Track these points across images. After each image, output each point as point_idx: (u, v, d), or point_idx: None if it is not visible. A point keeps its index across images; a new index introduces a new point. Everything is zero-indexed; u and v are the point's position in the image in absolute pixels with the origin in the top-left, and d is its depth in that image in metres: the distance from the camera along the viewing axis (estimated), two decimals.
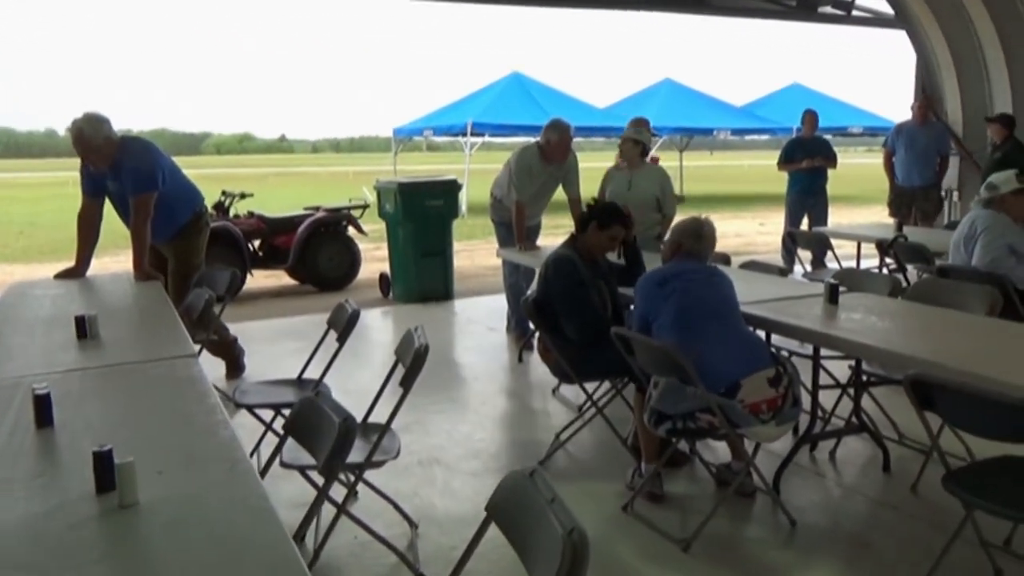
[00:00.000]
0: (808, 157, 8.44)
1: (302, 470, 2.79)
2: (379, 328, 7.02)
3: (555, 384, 4.89)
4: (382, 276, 8.33)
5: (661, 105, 20.37)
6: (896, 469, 3.75)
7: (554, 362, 3.92)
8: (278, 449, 2.75)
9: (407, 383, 2.87)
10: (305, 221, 8.73)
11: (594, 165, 6.55)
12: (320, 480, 2.36)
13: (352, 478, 2.98)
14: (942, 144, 8.50)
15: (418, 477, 3.78)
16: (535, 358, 5.19)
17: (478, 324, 6.97)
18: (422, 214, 7.65)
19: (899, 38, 10.25)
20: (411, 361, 2.90)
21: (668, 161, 26.98)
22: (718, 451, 3.90)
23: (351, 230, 9.01)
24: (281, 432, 2.65)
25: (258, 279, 9.18)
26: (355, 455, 2.80)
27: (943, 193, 8.87)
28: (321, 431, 2.33)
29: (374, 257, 10.41)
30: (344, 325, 3.57)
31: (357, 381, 4.65)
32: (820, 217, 8.57)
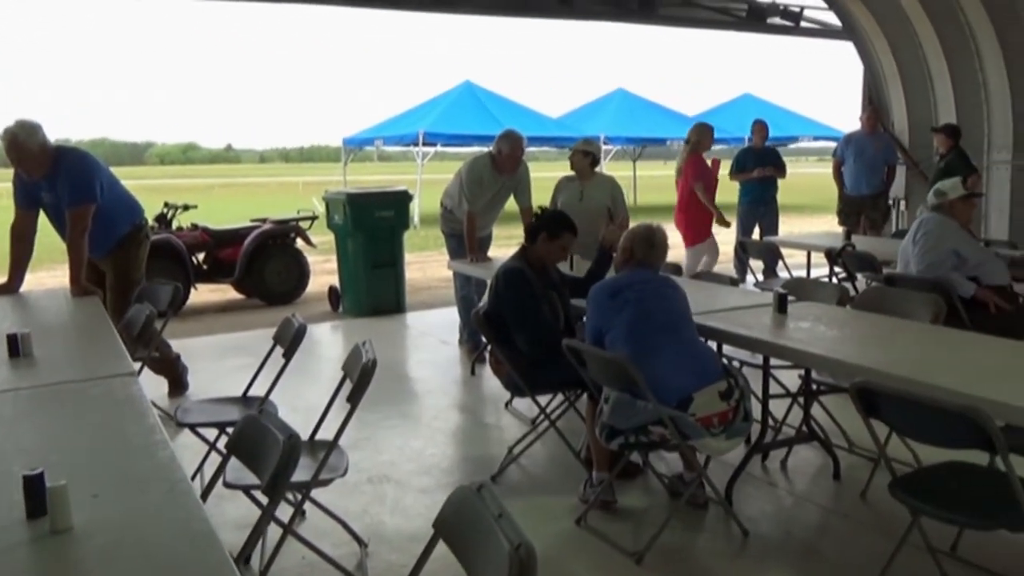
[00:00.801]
0: (759, 167, 8.56)
1: (246, 490, 2.71)
2: (328, 342, 6.91)
3: (508, 397, 4.84)
4: (331, 289, 8.21)
5: (614, 115, 20.59)
6: (846, 477, 3.78)
7: (506, 375, 3.88)
8: (221, 469, 2.67)
9: (354, 399, 2.81)
10: (252, 233, 8.57)
11: (547, 175, 6.56)
12: (265, 500, 2.28)
13: (299, 497, 2.90)
14: (889, 154, 8.68)
15: (368, 495, 3.71)
16: (488, 371, 5.15)
17: (430, 337, 6.90)
18: (372, 225, 7.57)
19: (847, 49, 10.48)
20: (359, 376, 2.84)
21: (622, 171, 27.29)
22: (671, 462, 3.90)
23: (299, 242, 8.87)
24: (225, 451, 2.57)
25: (203, 293, 9.00)
26: (301, 474, 2.75)
27: (891, 202, 9.07)
28: (265, 450, 2.26)
29: (323, 270, 10.27)
30: (291, 340, 3.49)
31: (305, 398, 4.56)
32: (771, 226, 8.69)
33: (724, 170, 8.62)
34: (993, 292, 4.46)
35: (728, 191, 8.92)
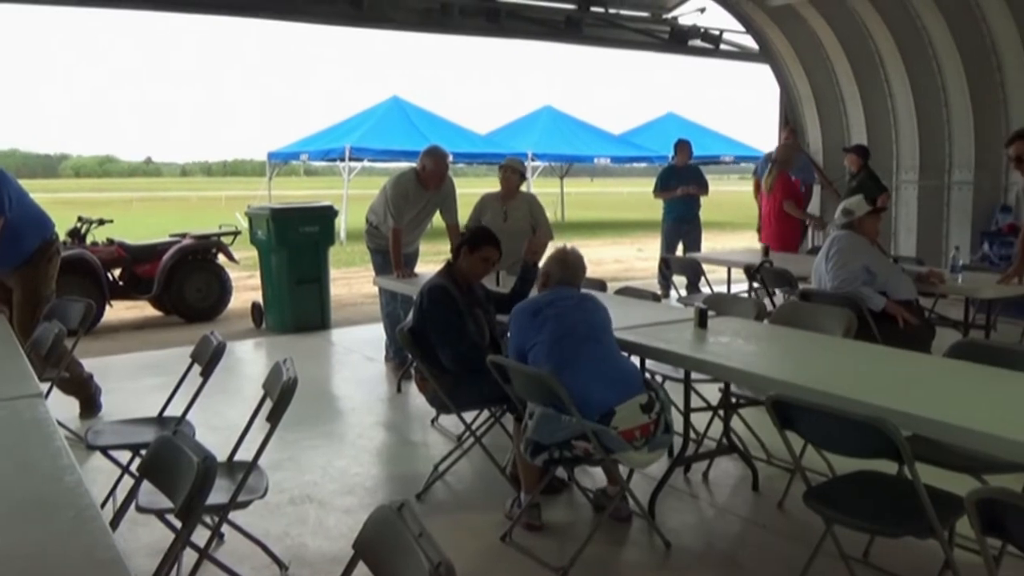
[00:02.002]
0: (682, 185, 8.76)
1: (160, 514, 2.63)
2: (251, 360, 6.76)
3: (434, 414, 4.82)
4: (254, 305, 8.04)
5: (542, 132, 20.79)
6: (765, 487, 3.87)
7: (431, 392, 3.86)
8: (133, 493, 2.58)
9: (274, 418, 2.75)
10: (170, 249, 8.33)
11: (477, 191, 6.57)
12: (179, 524, 2.21)
13: (216, 520, 2.82)
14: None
15: (289, 516, 3.63)
16: (414, 388, 5.10)
17: (356, 354, 6.82)
18: (296, 241, 7.45)
19: (765, 72, 10.82)
20: (279, 395, 2.78)
21: (549, 188, 27.54)
22: (596, 477, 3.93)
23: (221, 258, 8.67)
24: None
25: (119, 310, 8.71)
26: (219, 495, 2.67)
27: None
28: (179, 472, 2.19)
29: (246, 286, 10.06)
30: (209, 358, 3.41)
31: (225, 417, 4.45)
32: (694, 243, 8.88)
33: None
34: (901, 306, 4.65)
35: (655, 208, 9.11)
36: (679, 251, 8.77)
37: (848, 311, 3.99)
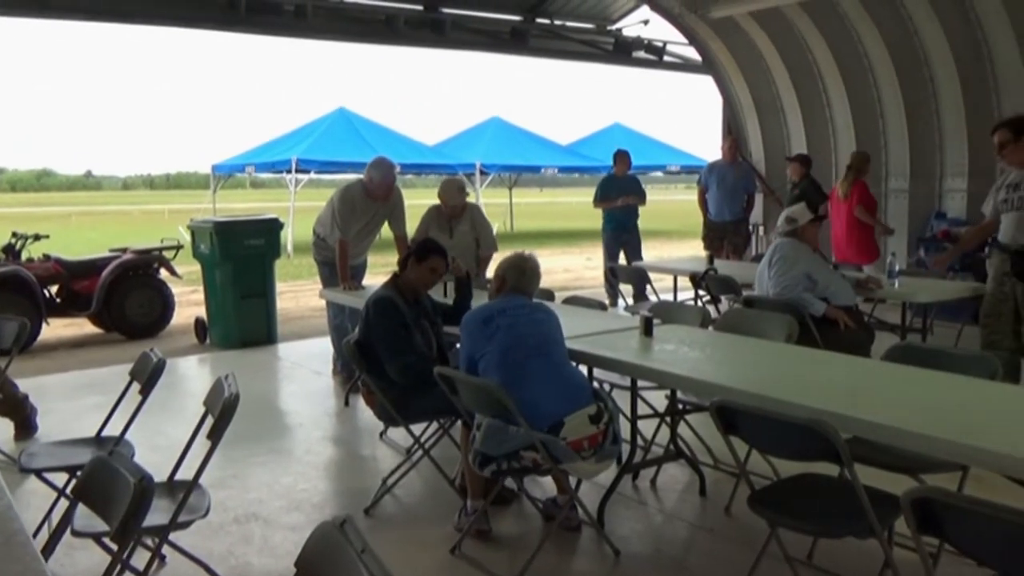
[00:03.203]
0: (623, 195, 8.85)
1: (96, 538, 2.55)
2: (194, 377, 6.63)
3: (383, 428, 4.77)
4: (198, 321, 7.88)
5: (489, 143, 20.82)
6: (712, 492, 3.92)
7: (378, 405, 3.83)
8: (68, 516, 2.50)
9: (216, 435, 2.69)
10: (110, 264, 8.12)
11: (426, 202, 6.52)
12: (116, 547, 2.15)
13: (156, 542, 2.74)
14: (749, 182, 9.14)
15: (234, 535, 3.56)
16: (363, 402, 5.05)
17: (303, 368, 6.73)
18: (241, 255, 7.33)
19: (707, 83, 11.02)
20: (220, 411, 2.73)
21: (497, 198, 27.58)
22: (545, 486, 3.93)
23: (163, 273, 8.48)
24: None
25: (57, 328, 8.47)
26: (158, 516, 2.62)
27: (751, 227, 9.54)
28: (115, 494, 2.14)
29: (190, 301, 9.87)
30: (148, 376, 3.32)
31: (167, 436, 4.35)
32: (635, 252, 8.98)
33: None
34: (841, 311, 4.75)
35: (599, 218, 9.18)
36: (621, 260, 8.85)
37: (790, 317, 4.06)
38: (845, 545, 2.99)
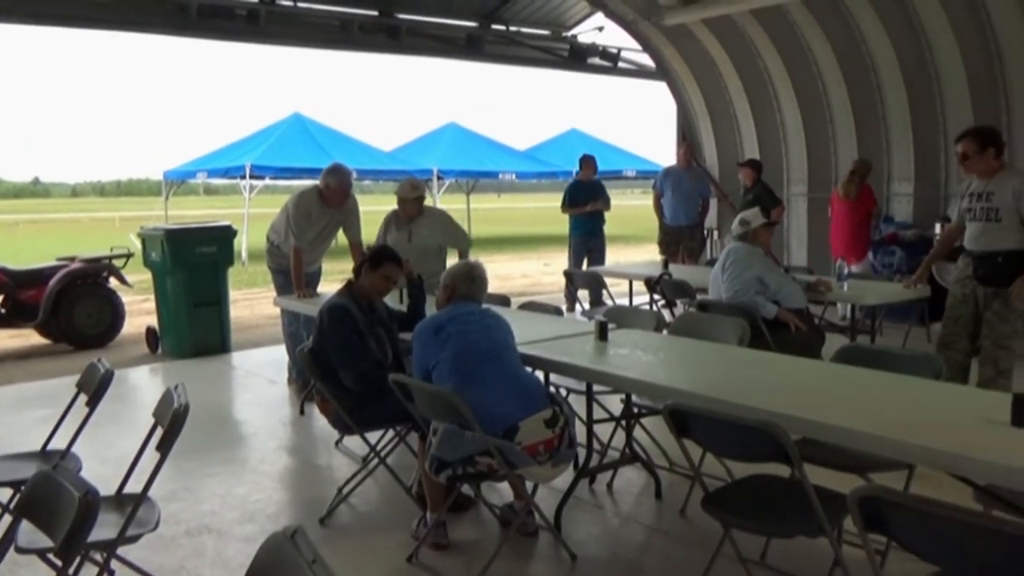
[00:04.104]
0: (591, 200, 8.92)
1: (40, 554, 2.48)
2: (146, 387, 6.51)
3: (339, 436, 4.73)
4: (149, 330, 7.74)
5: (446, 148, 20.76)
6: (667, 495, 3.95)
7: (333, 413, 3.79)
8: (12, 532, 2.44)
9: (165, 446, 2.65)
10: (57, 273, 7.93)
11: (383, 208, 6.49)
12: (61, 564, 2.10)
13: (104, 557, 2.68)
14: (704, 187, 9.25)
15: (185, 548, 3.49)
16: (318, 410, 5.01)
17: (258, 377, 6.64)
18: (193, 262, 7.22)
19: (662, 89, 11.14)
20: (169, 422, 2.69)
21: (455, 204, 27.53)
22: (503, 492, 3.93)
23: (113, 282, 8.31)
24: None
25: (2, 339, 8.27)
26: (106, 531, 2.57)
27: (706, 232, 9.65)
28: (59, 508, 2.09)
29: (141, 310, 9.69)
30: (96, 387, 3.26)
31: (117, 448, 4.26)
32: (600, 257, 9.05)
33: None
34: (792, 314, 4.83)
35: (560, 223, 9.22)
36: (584, 265, 8.89)
37: (742, 320, 4.12)
38: (798, 545, 3.03)
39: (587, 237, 9.07)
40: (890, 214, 8.97)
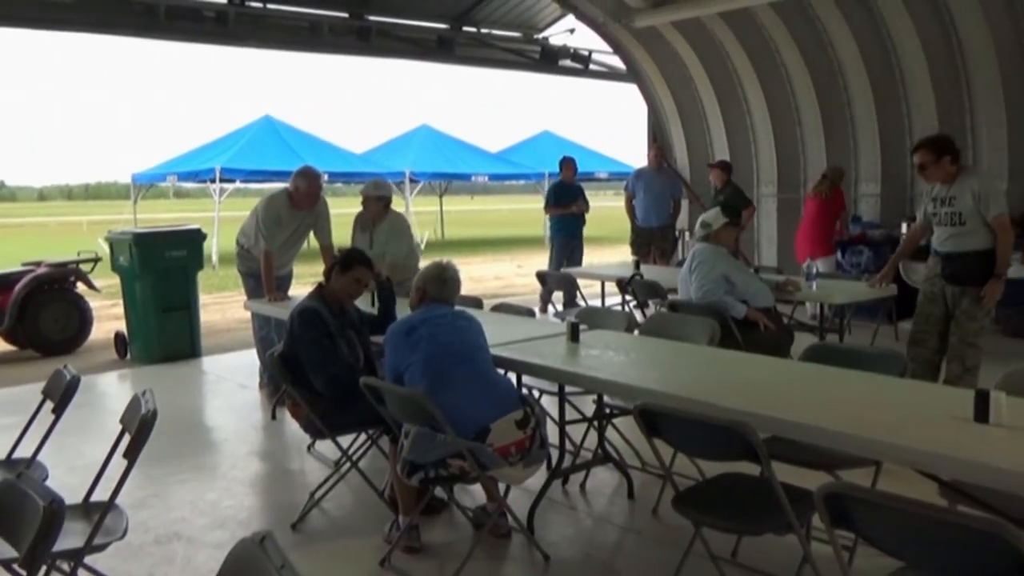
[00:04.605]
0: (574, 201, 8.97)
1: (5, 564, 2.44)
2: (114, 394, 6.42)
3: (311, 441, 4.70)
4: (118, 335, 7.64)
5: (419, 150, 20.73)
6: (640, 495, 3.97)
7: (304, 418, 3.77)
8: None
9: (132, 453, 2.62)
10: (23, 278, 7.80)
11: (353, 211, 6.44)
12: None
13: (71, 566, 2.65)
14: (675, 188, 9.30)
15: (155, 556, 3.45)
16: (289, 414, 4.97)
17: (228, 382, 6.58)
18: (162, 266, 7.14)
19: (633, 91, 11.20)
20: (137, 428, 2.65)
21: (428, 206, 27.50)
22: (476, 494, 3.92)
23: (81, 287, 8.19)
24: None
25: None
26: (73, 540, 2.54)
27: (677, 233, 9.72)
28: (23, 517, 2.06)
29: (110, 315, 9.56)
30: (62, 394, 3.22)
31: (85, 456, 4.21)
32: (579, 258, 9.09)
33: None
34: (761, 313, 4.88)
35: (534, 225, 9.23)
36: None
37: (712, 320, 4.15)
38: (768, 542, 3.06)
39: (569, 238, 9.12)
40: (858, 214, 9.10)
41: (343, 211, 6.34)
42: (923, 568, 2.08)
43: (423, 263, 4.89)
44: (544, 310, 8.49)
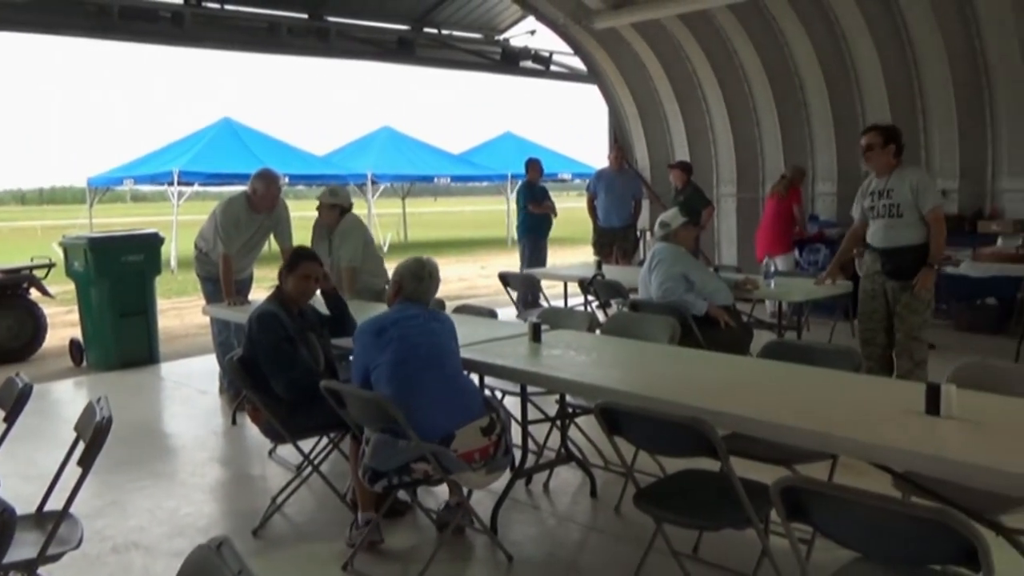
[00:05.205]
0: (545, 201, 9.03)
1: None
2: (69, 401, 6.29)
3: (272, 445, 4.65)
4: (73, 342, 7.49)
5: (380, 152, 20.63)
6: (602, 493, 3.99)
7: (265, 422, 3.73)
8: None
9: (86, 461, 2.56)
10: None
11: (315, 214, 6.38)
12: None
13: None
14: (635, 188, 9.37)
15: (112, 566, 3.39)
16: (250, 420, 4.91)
17: (188, 388, 6.49)
18: (118, 272, 7.02)
19: (594, 92, 11.26)
20: (91, 436, 2.60)
21: (391, 208, 27.35)
22: (440, 496, 3.91)
23: (34, 293, 8.01)
24: None
25: None
26: (25, 550, 2.48)
27: (639, 233, 9.79)
28: None
29: (65, 322, 9.38)
30: (14, 402, 3.14)
31: (39, 465, 4.10)
32: (543, 259, 9.13)
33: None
34: (722, 310, 4.93)
35: (496, 226, 9.25)
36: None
37: (672, 319, 4.19)
38: (729, 537, 3.09)
39: (539, 237, 9.18)
40: (815, 213, 9.24)
41: (305, 214, 6.28)
42: (877, 558, 2.12)
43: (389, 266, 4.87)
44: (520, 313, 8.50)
